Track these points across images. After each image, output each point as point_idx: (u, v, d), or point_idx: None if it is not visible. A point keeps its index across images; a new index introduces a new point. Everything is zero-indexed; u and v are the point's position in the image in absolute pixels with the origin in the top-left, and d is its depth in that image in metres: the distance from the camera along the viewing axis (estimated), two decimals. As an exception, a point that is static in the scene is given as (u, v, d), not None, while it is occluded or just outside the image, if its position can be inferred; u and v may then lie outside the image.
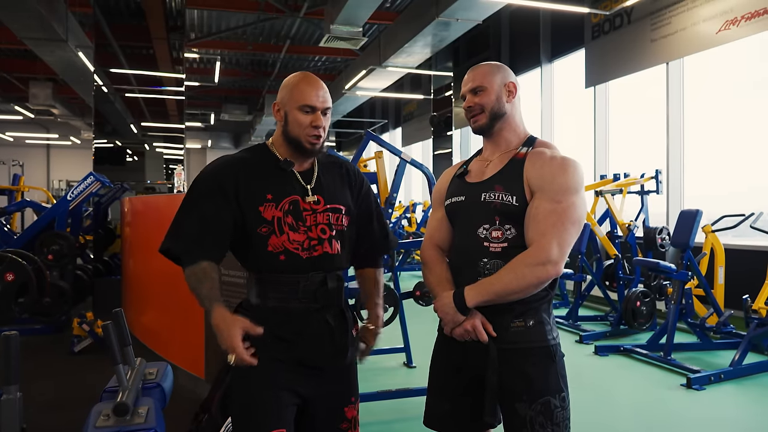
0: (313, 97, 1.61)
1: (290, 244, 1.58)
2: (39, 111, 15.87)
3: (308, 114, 1.62)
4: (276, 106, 1.68)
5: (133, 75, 8.12)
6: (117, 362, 1.99)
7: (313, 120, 1.62)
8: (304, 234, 1.60)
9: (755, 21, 5.67)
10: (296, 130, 1.63)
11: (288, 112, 1.64)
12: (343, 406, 1.68)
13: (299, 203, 1.62)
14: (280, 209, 1.59)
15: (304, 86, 1.63)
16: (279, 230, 1.58)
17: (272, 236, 1.57)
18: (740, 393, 3.96)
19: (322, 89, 1.64)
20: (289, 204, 1.61)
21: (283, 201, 1.60)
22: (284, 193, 1.61)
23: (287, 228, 1.59)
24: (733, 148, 6.78)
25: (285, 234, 1.58)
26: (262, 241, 1.57)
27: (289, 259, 1.58)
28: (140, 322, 5.08)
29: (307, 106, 1.61)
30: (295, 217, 1.60)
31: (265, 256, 1.58)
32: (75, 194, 6.01)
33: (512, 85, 1.75)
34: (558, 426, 1.59)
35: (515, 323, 1.63)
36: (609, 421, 3.45)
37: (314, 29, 11.75)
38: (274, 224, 1.58)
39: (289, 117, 1.64)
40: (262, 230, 1.57)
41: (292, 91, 1.64)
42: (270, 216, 1.58)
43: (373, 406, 3.55)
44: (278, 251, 1.58)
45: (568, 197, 1.59)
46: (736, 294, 4.82)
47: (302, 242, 1.59)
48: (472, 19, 7.71)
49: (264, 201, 1.58)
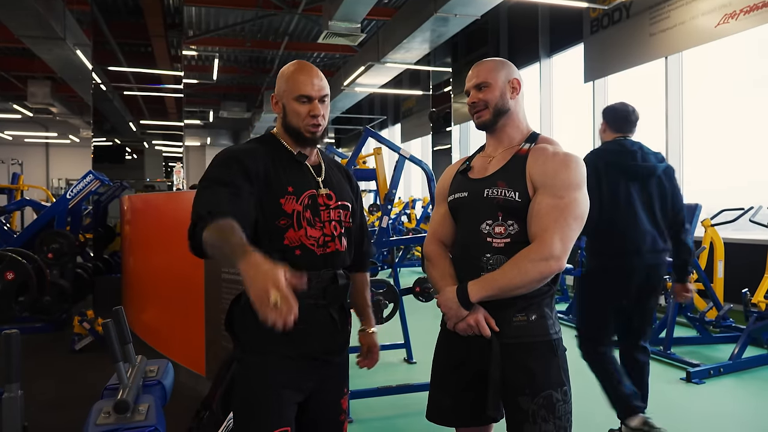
0: (309, 86, 1.60)
1: (307, 240, 1.58)
2: (38, 109, 15.85)
3: (305, 104, 1.61)
4: (274, 99, 1.67)
5: (132, 73, 8.11)
6: (117, 360, 1.99)
7: (311, 109, 1.61)
8: (319, 230, 1.60)
9: (754, 14, 5.66)
10: (295, 120, 1.62)
11: (286, 103, 1.63)
12: (340, 398, 1.71)
13: (316, 198, 1.62)
14: (300, 203, 1.58)
15: (299, 75, 1.61)
16: (297, 224, 1.57)
17: (290, 230, 1.56)
18: (740, 386, 3.97)
19: (317, 77, 1.62)
20: (308, 198, 1.60)
21: (303, 195, 1.60)
22: (303, 186, 1.61)
23: (305, 223, 1.58)
24: (733, 142, 6.78)
25: (303, 229, 1.57)
26: (280, 233, 1.56)
27: (305, 254, 1.57)
28: (141, 320, 5.08)
29: (304, 96, 1.60)
30: (313, 212, 1.60)
31: (280, 248, 1.55)
32: (74, 192, 6.00)
33: (516, 81, 1.76)
34: (560, 419, 1.60)
35: (517, 318, 1.64)
36: (609, 415, 3.46)
37: (312, 26, 11.73)
38: (294, 218, 1.56)
39: (287, 108, 1.63)
40: (280, 222, 1.55)
41: (288, 81, 1.63)
42: (290, 209, 1.56)
43: (373, 402, 3.55)
44: (294, 245, 1.57)
45: (570, 193, 1.60)
46: (735, 288, 4.83)
47: (318, 238, 1.60)
48: (470, 14, 7.70)
49: (285, 193, 1.57)
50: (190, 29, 11.90)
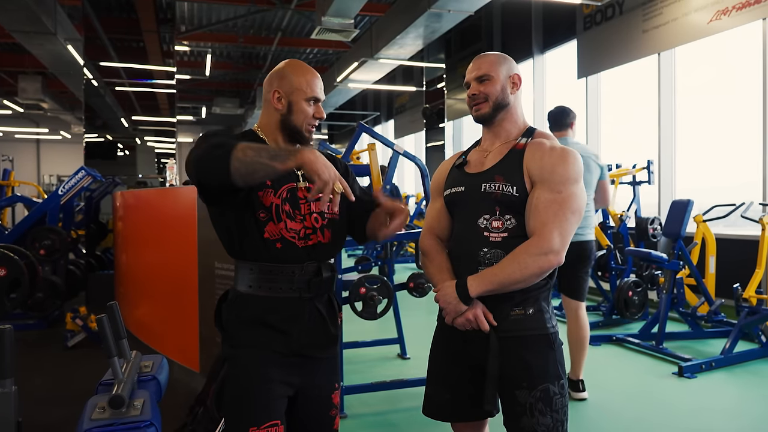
0: (318, 89, 1.67)
1: (287, 233, 1.59)
2: (28, 105, 15.69)
3: (312, 106, 1.66)
4: (277, 94, 1.65)
5: (124, 68, 8.07)
6: (112, 355, 1.98)
7: (316, 111, 1.67)
8: (300, 223, 1.61)
9: (746, 11, 5.69)
10: (300, 119, 1.65)
11: (294, 102, 1.64)
12: (331, 393, 1.71)
13: (296, 191, 1.63)
14: (278, 196, 1.59)
15: (311, 78, 1.66)
16: (276, 217, 1.58)
17: (269, 223, 1.57)
18: (731, 381, 4.00)
19: (321, 80, 1.70)
20: (287, 192, 1.61)
21: (281, 188, 1.60)
22: (282, 179, 1.61)
23: (285, 216, 1.59)
24: (724, 139, 6.82)
25: (282, 222, 1.58)
26: (259, 227, 1.57)
27: (286, 247, 1.58)
28: (134, 317, 5.06)
29: (314, 98, 1.66)
30: (293, 205, 1.61)
31: (260, 242, 1.57)
32: (66, 189, 5.97)
33: (517, 77, 1.78)
34: (557, 413, 1.61)
35: (515, 311, 1.64)
36: (601, 409, 3.48)
37: (305, 21, 11.69)
38: (272, 211, 1.58)
39: (295, 107, 1.65)
40: (260, 215, 1.57)
41: (299, 81, 1.64)
42: (268, 202, 1.58)
43: (367, 397, 3.56)
44: (275, 239, 1.58)
45: (568, 187, 1.61)
46: (726, 283, 4.86)
47: (299, 231, 1.60)
48: (463, 10, 7.69)
49: (263, 186, 1.58)
50: (182, 24, 11.82)
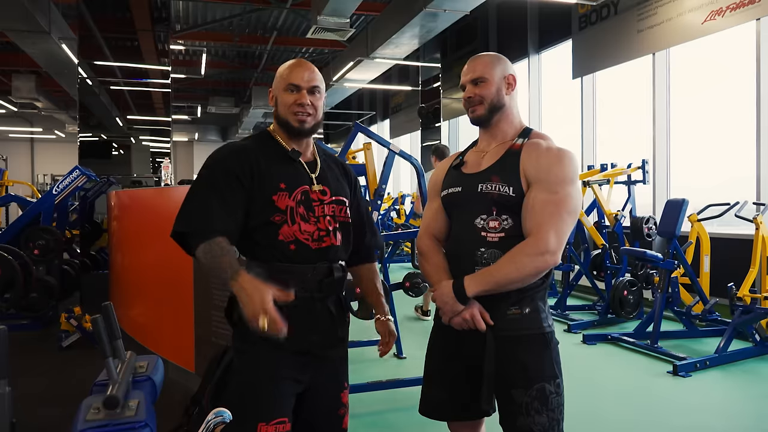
0: (298, 76, 1.65)
1: (301, 235, 1.60)
2: (22, 104, 15.65)
3: (293, 93, 1.65)
4: (271, 93, 1.72)
5: (118, 67, 8.02)
6: (107, 355, 1.97)
7: (297, 98, 1.65)
8: (314, 225, 1.63)
9: (740, 11, 5.71)
10: (283, 110, 1.67)
11: (277, 95, 1.69)
12: (340, 392, 1.72)
13: (309, 193, 1.65)
14: (293, 199, 1.61)
15: (292, 68, 1.68)
16: (291, 220, 1.60)
17: (284, 225, 1.59)
18: (725, 379, 4.02)
19: (309, 70, 1.67)
20: (301, 194, 1.63)
21: (295, 191, 1.63)
22: (296, 182, 1.64)
23: (299, 218, 1.61)
24: (719, 139, 6.84)
25: (297, 224, 1.60)
26: (274, 229, 1.59)
27: (299, 249, 1.60)
28: (129, 317, 5.04)
29: (292, 85, 1.65)
30: (307, 207, 1.63)
31: (275, 244, 1.59)
32: (61, 188, 5.94)
33: (512, 77, 1.78)
34: (553, 411, 1.61)
35: (511, 311, 1.65)
36: (597, 408, 3.49)
37: (301, 20, 11.67)
38: (287, 214, 1.59)
39: (279, 99, 1.68)
40: (275, 218, 1.58)
41: (281, 74, 1.69)
42: (284, 205, 1.60)
43: (364, 396, 3.56)
44: (289, 240, 1.59)
45: (564, 188, 1.62)
46: (721, 282, 4.88)
47: (312, 233, 1.62)
48: (459, 9, 7.70)
49: (278, 190, 1.60)
50: (177, 23, 11.78)
